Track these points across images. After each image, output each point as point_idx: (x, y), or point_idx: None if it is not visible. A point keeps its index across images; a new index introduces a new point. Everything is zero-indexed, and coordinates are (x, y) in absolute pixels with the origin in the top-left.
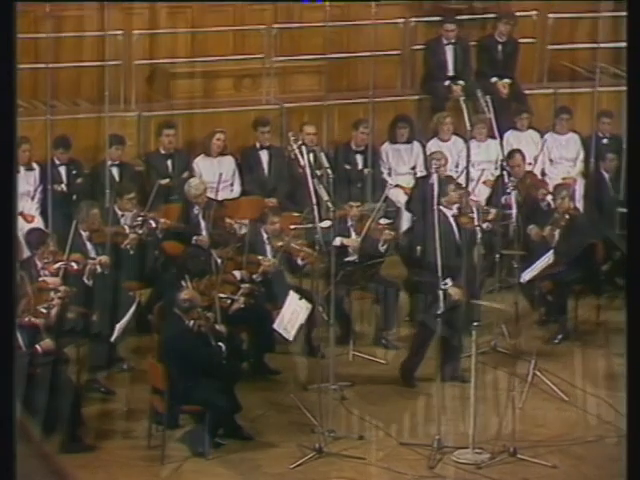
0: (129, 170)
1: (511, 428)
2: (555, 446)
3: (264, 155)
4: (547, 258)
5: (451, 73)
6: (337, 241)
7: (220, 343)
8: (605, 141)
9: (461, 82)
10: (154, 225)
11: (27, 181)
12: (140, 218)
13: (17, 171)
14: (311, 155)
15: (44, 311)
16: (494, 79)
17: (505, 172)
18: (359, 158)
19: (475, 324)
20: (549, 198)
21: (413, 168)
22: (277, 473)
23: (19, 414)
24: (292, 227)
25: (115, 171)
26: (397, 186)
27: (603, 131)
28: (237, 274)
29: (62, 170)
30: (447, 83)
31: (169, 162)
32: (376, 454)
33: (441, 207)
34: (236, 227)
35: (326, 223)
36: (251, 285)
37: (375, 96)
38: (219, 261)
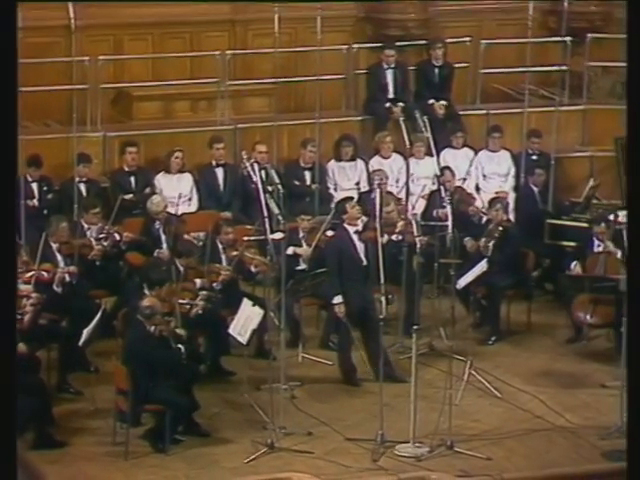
0: (95, 186)
1: (448, 423)
2: (489, 439)
3: (219, 172)
4: (481, 266)
5: (391, 95)
6: (290, 250)
7: (180, 346)
8: (534, 158)
9: (401, 104)
10: (118, 238)
11: None
12: (105, 231)
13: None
14: (263, 172)
15: (17, 317)
16: (431, 101)
17: (442, 187)
18: (307, 175)
19: (415, 327)
20: (481, 210)
21: (357, 184)
22: (232, 467)
23: None
24: (245, 238)
25: (83, 187)
26: None
27: (532, 148)
28: (198, 282)
29: (34, 186)
30: (388, 105)
31: (132, 179)
32: (324, 449)
33: (344, 224)
34: (194, 240)
35: (278, 235)
36: (209, 292)
37: (321, 117)
38: (182, 269)
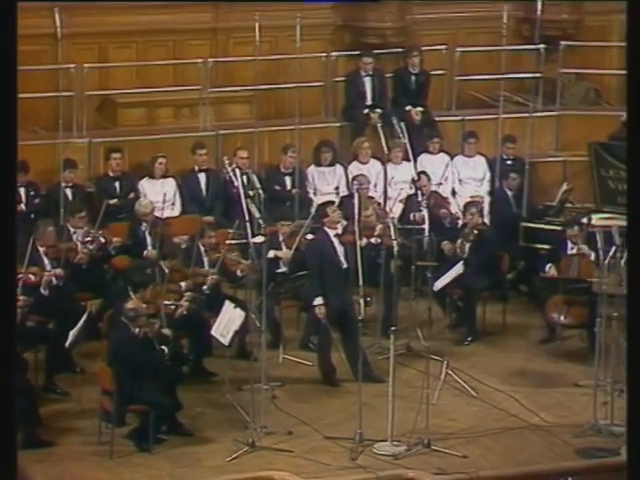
0: (81, 191)
1: (426, 422)
2: (465, 438)
3: (202, 177)
4: (457, 269)
5: (369, 102)
6: (271, 254)
7: (163, 347)
8: (509, 162)
9: (378, 110)
10: (103, 241)
11: None
12: (90, 235)
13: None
14: (244, 177)
15: None
16: (408, 107)
17: (419, 191)
18: (287, 179)
19: (393, 328)
20: (455, 214)
21: (336, 188)
22: (214, 466)
23: None
24: (227, 242)
25: (69, 192)
26: None
27: (507, 154)
28: (183, 284)
29: (21, 191)
30: (366, 111)
31: (117, 184)
32: (304, 447)
33: (325, 228)
34: (179, 243)
35: (259, 239)
36: (193, 293)
37: (301, 123)
38: (166, 271)
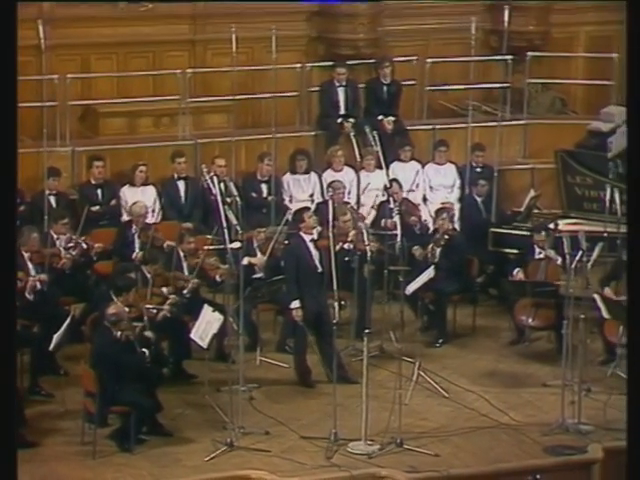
0: (64, 198)
1: (398, 422)
2: (437, 437)
3: (181, 185)
4: (428, 273)
5: (342, 111)
6: (245, 260)
7: (144, 350)
8: (478, 170)
9: (351, 119)
10: (85, 247)
11: None
12: (73, 241)
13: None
14: (222, 184)
15: None
16: (380, 116)
17: (391, 198)
18: (264, 187)
19: (366, 331)
20: (424, 221)
21: (311, 195)
22: (194, 465)
23: None
24: (205, 248)
25: (52, 199)
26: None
27: (476, 161)
28: (164, 289)
29: None
30: (339, 120)
31: (99, 191)
32: (280, 447)
33: (300, 233)
34: (169, 246)
35: (236, 244)
36: (175, 296)
37: (277, 132)
38: (149, 276)
